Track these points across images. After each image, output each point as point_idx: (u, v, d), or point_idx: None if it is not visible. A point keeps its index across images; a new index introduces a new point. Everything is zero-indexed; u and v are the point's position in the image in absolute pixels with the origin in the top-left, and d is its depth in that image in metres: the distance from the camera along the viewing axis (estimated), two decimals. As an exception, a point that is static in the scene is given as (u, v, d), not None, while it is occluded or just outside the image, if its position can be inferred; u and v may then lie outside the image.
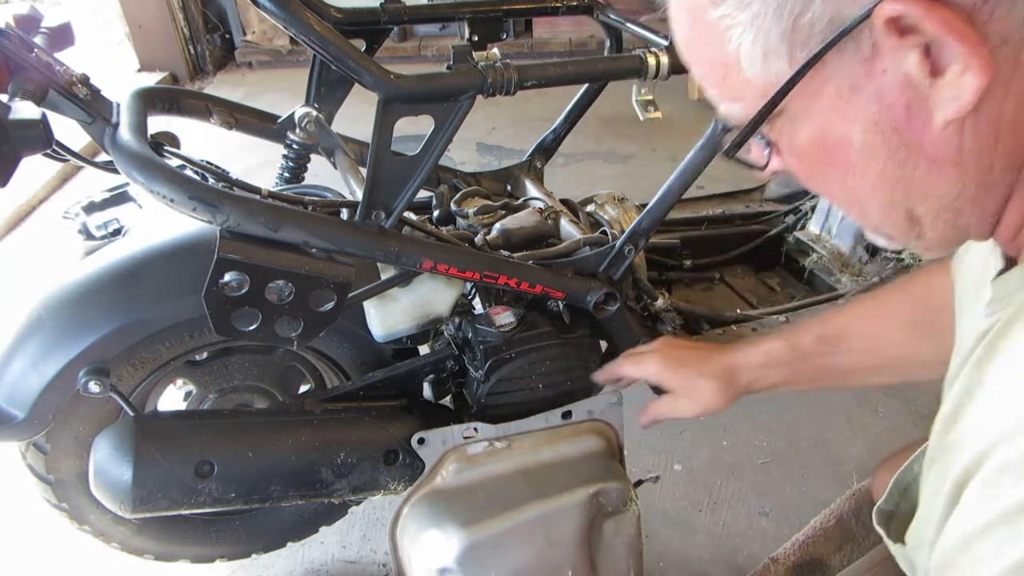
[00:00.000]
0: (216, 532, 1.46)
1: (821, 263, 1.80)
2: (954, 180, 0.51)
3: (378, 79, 0.95)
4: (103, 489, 1.10)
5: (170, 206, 0.96)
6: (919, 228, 0.55)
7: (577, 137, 1.88)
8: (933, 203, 0.53)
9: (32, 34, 1.09)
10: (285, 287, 1.02)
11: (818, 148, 0.54)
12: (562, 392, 1.31)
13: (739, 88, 0.53)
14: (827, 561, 1.10)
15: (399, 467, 1.23)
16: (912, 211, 0.54)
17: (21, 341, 1.15)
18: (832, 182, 0.56)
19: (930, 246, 0.58)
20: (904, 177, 0.51)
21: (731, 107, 0.55)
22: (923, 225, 0.55)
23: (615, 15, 1.43)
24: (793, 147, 0.56)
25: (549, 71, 1.05)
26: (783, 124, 0.54)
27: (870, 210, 0.56)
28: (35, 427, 1.15)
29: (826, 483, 1.74)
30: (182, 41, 4.65)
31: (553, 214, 1.43)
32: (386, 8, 1.39)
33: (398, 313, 1.23)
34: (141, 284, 1.14)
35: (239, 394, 1.35)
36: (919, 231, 0.56)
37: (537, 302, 1.33)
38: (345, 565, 1.64)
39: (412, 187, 1.05)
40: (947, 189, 0.51)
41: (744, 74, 0.51)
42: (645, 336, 1.39)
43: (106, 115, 1.08)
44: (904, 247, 0.63)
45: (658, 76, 1.10)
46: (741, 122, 0.54)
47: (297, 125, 1.33)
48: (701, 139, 1.20)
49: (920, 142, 0.49)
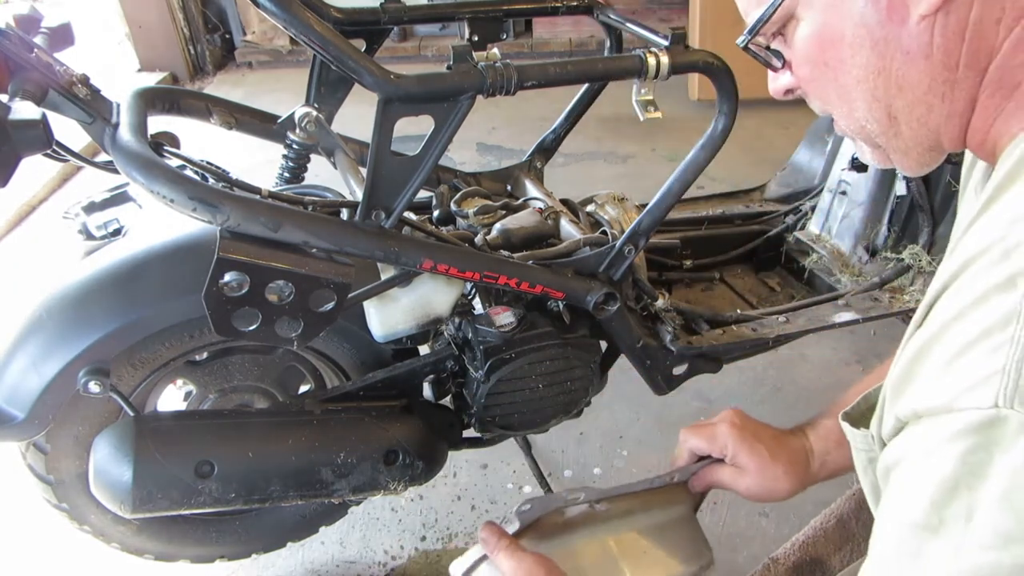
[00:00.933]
0: (216, 532, 1.46)
1: (821, 263, 1.79)
2: (924, 72, 0.59)
3: (378, 79, 0.95)
4: (103, 489, 1.10)
5: (170, 206, 0.96)
6: (897, 125, 0.64)
7: (577, 137, 1.88)
8: (908, 95, 0.61)
9: (32, 34, 1.09)
10: (285, 287, 1.02)
11: (817, 46, 0.63)
12: (562, 392, 1.31)
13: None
14: (827, 561, 1.10)
15: (399, 467, 1.24)
16: (891, 106, 0.63)
17: (21, 341, 1.15)
18: (828, 84, 0.65)
19: (908, 148, 0.66)
20: (884, 68, 0.60)
21: (755, 13, 0.65)
22: (900, 121, 0.63)
23: (615, 15, 1.43)
24: (799, 53, 0.65)
25: (549, 71, 1.05)
26: (794, 29, 0.65)
27: (857, 105, 0.65)
28: (35, 427, 1.15)
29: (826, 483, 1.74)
30: (182, 41, 4.65)
31: (553, 214, 1.43)
32: (386, 8, 1.39)
33: (398, 313, 1.23)
34: (141, 284, 1.14)
35: (239, 394, 1.35)
36: (897, 128, 0.64)
37: (537, 302, 1.33)
38: (345, 565, 1.64)
39: (412, 187, 1.05)
40: (918, 80, 0.60)
41: None
42: (645, 336, 1.39)
43: (106, 115, 1.08)
44: (887, 160, 0.69)
45: (658, 76, 1.10)
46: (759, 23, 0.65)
47: (297, 125, 1.33)
48: (701, 139, 1.20)
49: (898, 35, 0.58)
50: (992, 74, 0.58)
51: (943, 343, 0.51)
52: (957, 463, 0.46)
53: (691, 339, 1.46)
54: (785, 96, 0.72)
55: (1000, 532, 0.44)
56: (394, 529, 1.71)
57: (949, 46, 0.57)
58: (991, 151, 0.62)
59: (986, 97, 0.59)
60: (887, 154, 0.68)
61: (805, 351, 2.15)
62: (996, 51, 0.57)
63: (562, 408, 1.34)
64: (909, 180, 1.68)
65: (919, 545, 0.49)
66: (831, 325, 1.58)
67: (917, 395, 0.52)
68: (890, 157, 0.68)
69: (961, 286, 0.52)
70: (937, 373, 0.51)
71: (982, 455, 0.45)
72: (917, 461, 0.50)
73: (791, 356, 2.12)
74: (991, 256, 0.50)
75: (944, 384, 0.49)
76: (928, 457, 0.49)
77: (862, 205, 1.75)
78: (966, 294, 0.51)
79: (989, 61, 0.57)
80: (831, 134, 1.91)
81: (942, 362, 0.50)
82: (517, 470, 1.84)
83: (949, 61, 0.58)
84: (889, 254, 1.73)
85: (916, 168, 0.68)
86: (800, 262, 1.83)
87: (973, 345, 0.48)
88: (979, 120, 0.61)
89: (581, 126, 1.69)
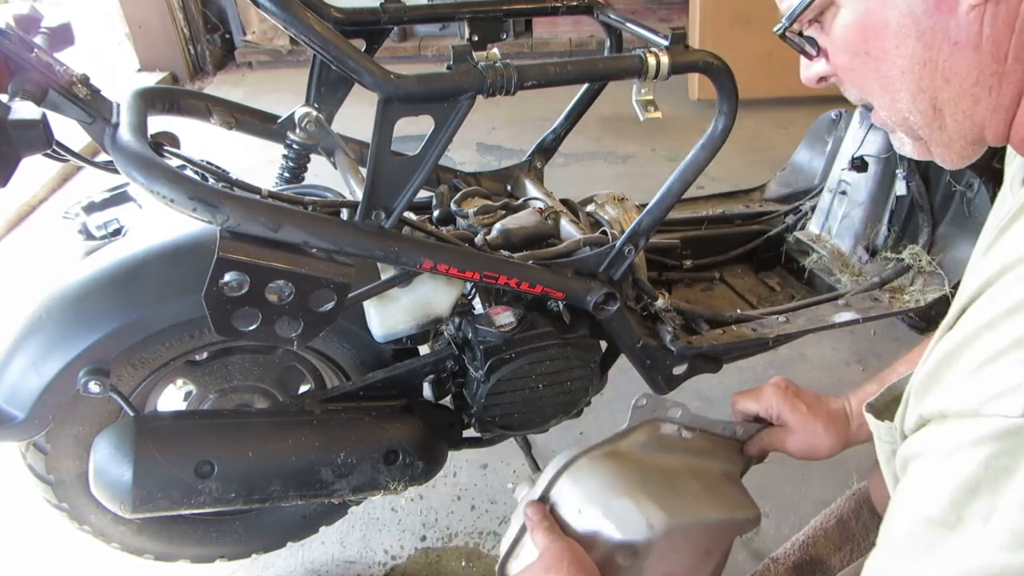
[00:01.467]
0: (216, 532, 1.46)
1: (821, 263, 1.79)
2: (973, 64, 0.58)
3: (378, 79, 0.95)
4: (103, 489, 1.10)
5: (170, 206, 0.96)
6: (941, 117, 0.62)
7: (577, 137, 1.88)
8: (954, 87, 0.60)
9: (32, 34, 1.09)
10: (285, 287, 1.02)
11: (859, 35, 0.62)
12: (562, 392, 1.31)
13: None
14: (827, 561, 1.10)
15: (399, 467, 1.24)
16: (936, 97, 0.61)
17: (21, 341, 1.15)
18: (869, 74, 0.64)
19: (951, 140, 0.64)
20: (931, 60, 0.59)
21: (791, 0, 0.64)
22: (944, 113, 0.62)
23: (615, 15, 1.43)
24: (838, 41, 0.64)
25: (549, 71, 1.05)
26: (832, 16, 0.63)
27: (900, 97, 0.63)
28: (35, 427, 1.15)
29: (826, 483, 1.74)
30: (182, 41, 4.65)
31: (553, 214, 1.43)
32: (386, 8, 1.39)
33: (398, 313, 1.23)
34: (141, 284, 1.14)
35: (239, 394, 1.35)
36: (941, 120, 0.62)
37: (537, 302, 1.33)
38: (345, 565, 1.64)
39: (412, 187, 1.05)
40: (966, 72, 0.58)
41: None
42: (645, 336, 1.39)
43: (106, 115, 1.08)
44: (927, 153, 0.68)
45: (658, 76, 1.10)
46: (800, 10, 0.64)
47: (297, 125, 1.33)
48: (701, 139, 1.20)
49: (946, 25, 0.57)
50: None
51: (974, 349, 0.52)
52: (980, 466, 0.47)
53: (691, 339, 1.46)
54: (818, 84, 0.71)
55: (1018, 534, 0.45)
56: (394, 529, 1.71)
57: (999, 37, 0.56)
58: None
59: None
60: (928, 146, 0.67)
61: (805, 351, 2.15)
62: None
63: (562, 408, 1.34)
64: (909, 180, 1.68)
65: (933, 540, 0.50)
66: (831, 325, 1.58)
67: (945, 396, 0.52)
68: (931, 150, 0.67)
69: (996, 293, 0.52)
70: (966, 377, 0.51)
71: (1006, 460, 0.46)
72: (939, 459, 0.51)
73: (791, 356, 2.11)
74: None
75: (973, 389, 0.50)
76: (951, 457, 0.50)
77: (862, 205, 1.75)
78: (1001, 302, 0.51)
79: None
80: (831, 134, 1.91)
81: (972, 367, 0.51)
82: (517, 470, 1.84)
83: (998, 53, 0.57)
84: (889, 254, 1.73)
85: (957, 161, 0.67)
86: (800, 262, 1.83)
87: (1004, 354, 0.49)
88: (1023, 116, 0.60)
89: (581, 126, 1.69)
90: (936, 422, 0.53)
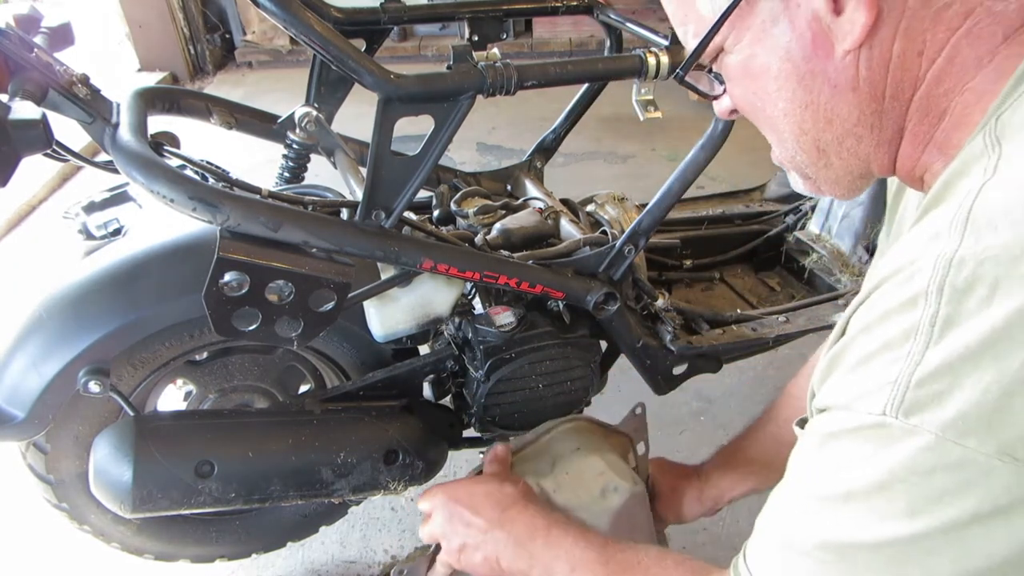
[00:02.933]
0: (216, 532, 1.46)
1: (821, 263, 1.79)
2: (852, 105, 0.60)
3: (378, 79, 0.95)
4: (103, 489, 1.10)
5: (170, 206, 0.96)
6: (826, 157, 0.65)
7: (577, 137, 1.88)
8: (836, 128, 0.62)
9: (32, 34, 1.09)
10: (285, 287, 1.02)
11: (745, 75, 0.64)
12: (562, 392, 1.31)
13: (696, 23, 0.64)
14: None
15: (399, 467, 1.24)
16: (819, 139, 0.64)
17: (21, 341, 1.14)
18: (759, 112, 0.66)
19: (839, 177, 0.67)
20: (811, 102, 0.61)
21: (691, 43, 0.66)
22: (829, 153, 0.65)
23: (615, 15, 1.43)
24: (731, 77, 0.66)
25: (549, 71, 1.05)
26: (724, 57, 0.65)
27: (786, 137, 0.66)
28: (35, 427, 1.15)
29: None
30: (182, 41, 4.65)
31: (553, 214, 1.43)
32: (386, 8, 1.38)
33: (398, 313, 1.23)
34: (141, 284, 1.14)
35: (239, 394, 1.35)
36: (827, 159, 0.65)
37: (537, 302, 1.33)
38: (345, 565, 1.64)
39: (412, 187, 1.05)
40: (847, 113, 0.61)
41: (700, 10, 0.63)
42: (645, 336, 1.39)
43: (106, 115, 1.08)
44: (818, 189, 0.71)
45: (658, 76, 1.10)
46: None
47: (297, 125, 1.33)
48: (701, 139, 1.21)
49: (824, 69, 0.59)
50: (917, 103, 0.59)
51: (851, 351, 0.56)
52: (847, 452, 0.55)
53: (691, 339, 1.46)
54: (731, 116, 0.73)
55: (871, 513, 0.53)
56: (394, 529, 1.71)
57: (875, 78, 0.59)
58: (919, 178, 0.64)
59: (913, 125, 0.61)
60: (817, 184, 0.70)
61: (805, 351, 2.14)
62: (920, 81, 0.58)
63: (562, 408, 1.34)
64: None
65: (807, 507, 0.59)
66: (831, 325, 1.57)
67: (827, 392, 0.58)
68: (820, 187, 0.70)
69: (874, 301, 0.56)
70: (843, 375, 0.57)
71: (868, 448, 0.53)
72: (817, 443, 0.58)
73: (791, 356, 2.11)
74: (902, 275, 0.53)
75: (847, 385, 0.56)
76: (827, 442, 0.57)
77: (862, 204, 1.75)
78: (877, 308, 0.55)
79: (914, 91, 0.59)
80: (831, 134, 1.91)
81: (847, 367, 0.56)
82: (517, 470, 1.83)
83: (876, 92, 0.59)
84: (889, 254, 1.73)
85: (847, 195, 0.70)
86: (800, 262, 1.83)
87: (874, 356, 0.54)
88: (908, 147, 0.62)
89: (581, 126, 1.69)
90: (822, 414, 0.59)
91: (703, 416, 1.97)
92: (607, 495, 1.13)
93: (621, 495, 1.13)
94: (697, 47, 0.64)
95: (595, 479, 1.14)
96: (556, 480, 1.13)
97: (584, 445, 1.18)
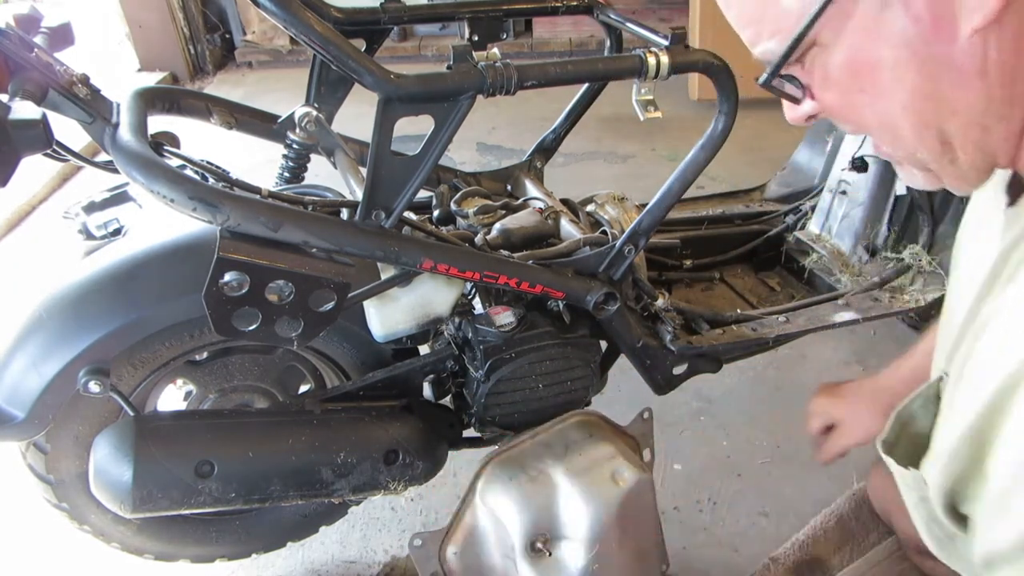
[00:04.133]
0: (216, 532, 1.46)
1: (821, 263, 1.80)
2: (980, 92, 0.53)
3: (378, 79, 0.95)
4: (103, 489, 1.10)
5: (170, 206, 0.96)
6: (952, 151, 0.57)
7: (577, 137, 1.88)
8: (962, 118, 0.55)
9: (32, 34, 1.09)
10: (285, 287, 1.02)
11: (850, 74, 0.56)
12: (562, 392, 1.31)
13: (776, 20, 0.56)
14: (827, 561, 1.10)
15: (399, 467, 1.24)
16: (943, 130, 0.56)
17: (21, 341, 1.15)
18: (865, 111, 0.59)
19: (964, 173, 0.60)
20: (934, 92, 0.54)
21: (767, 44, 0.58)
22: (955, 147, 0.57)
23: (615, 15, 1.43)
24: (826, 80, 0.59)
25: (549, 71, 1.05)
26: (816, 56, 0.57)
27: (904, 134, 0.58)
28: (35, 427, 1.15)
29: (826, 483, 1.74)
30: (182, 41, 4.65)
31: (553, 214, 1.43)
32: (386, 8, 1.39)
33: (398, 313, 1.23)
34: (141, 284, 1.14)
35: (239, 394, 1.35)
36: (952, 155, 0.58)
37: (537, 302, 1.33)
38: (345, 565, 1.64)
39: (412, 187, 1.05)
40: (974, 101, 0.54)
41: (781, 4, 0.55)
42: (645, 336, 1.39)
43: (106, 115, 1.08)
44: (939, 183, 0.63)
45: (658, 76, 1.10)
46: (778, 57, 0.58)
47: (297, 125, 1.33)
48: (701, 139, 1.20)
49: (948, 54, 0.52)
50: None
51: None
52: None
53: (691, 339, 1.46)
54: (807, 123, 0.65)
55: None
56: (394, 529, 1.71)
57: (1005, 61, 0.52)
58: None
59: None
60: (940, 178, 0.62)
61: (805, 351, 2.15)
62: None
63: (562, 408, 1.34)
64: (909, 180, 1.68)
65: None
66: (831, 325, 1.58)
67: None
68: (944, 180, 0.63)
69: None
70: None
71: None
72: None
73: (791, 356, 2.11)
74: None
75: None
76: None
77: (862, 205, 1.75)
78: None
79: None
80: (831, 134, 1.91)
81: None
82: (517, 470, 1.83)
83: (1006, 77, 0.53)
84: (889, 254, 1.73)
85: (970, 189, 0.63)
86: (800, 262, 1.83)
87: None
88: None
89: (581, 126, 1.69)
90: None
91: (703, 416, 1.96)
92: (617, 479, 1.17)
93: (630, 480, 1.16)
94: (792, 43, 0.56)
95: (606, 463, 1.18)
96: (569, 462, 1.17)
97: (596, 433, 1.23)
